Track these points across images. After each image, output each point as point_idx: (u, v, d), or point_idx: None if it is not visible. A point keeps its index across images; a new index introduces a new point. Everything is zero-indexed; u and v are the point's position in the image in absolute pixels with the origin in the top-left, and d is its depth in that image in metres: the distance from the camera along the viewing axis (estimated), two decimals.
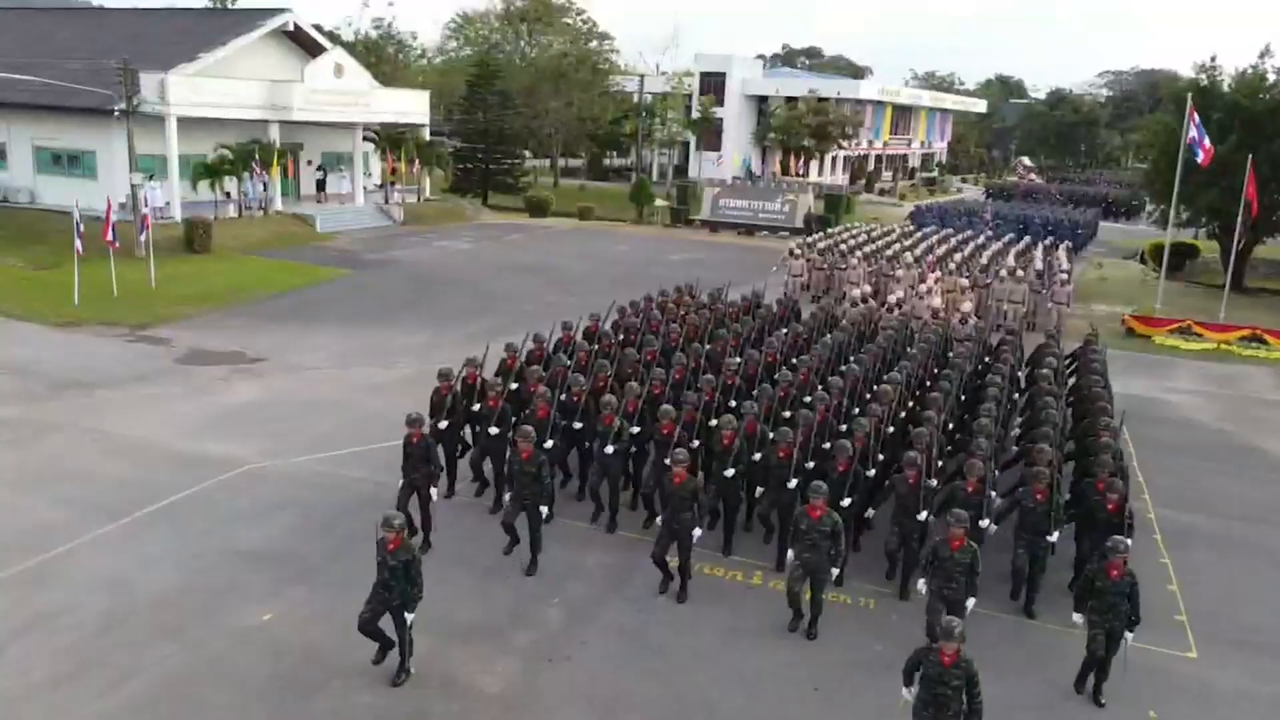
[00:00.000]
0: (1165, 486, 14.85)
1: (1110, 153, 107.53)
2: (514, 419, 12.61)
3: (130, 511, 12.27)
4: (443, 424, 12.62)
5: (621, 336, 16.42)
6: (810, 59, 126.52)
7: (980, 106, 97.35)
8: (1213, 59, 32.27)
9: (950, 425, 13.55)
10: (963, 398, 14.94)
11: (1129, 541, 9.20)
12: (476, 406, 12.82)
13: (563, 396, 12.99)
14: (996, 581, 10.71)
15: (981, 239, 33.55)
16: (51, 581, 10.56)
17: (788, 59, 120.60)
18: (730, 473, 11.32)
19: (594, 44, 68.97)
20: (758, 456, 11.61)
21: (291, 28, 37.62)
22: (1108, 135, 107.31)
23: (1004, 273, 25.53)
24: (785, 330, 18.13)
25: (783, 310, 19.65)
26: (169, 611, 10.06)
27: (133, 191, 29.05)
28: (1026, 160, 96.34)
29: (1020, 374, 17.19)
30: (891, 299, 21.53)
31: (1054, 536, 10.45)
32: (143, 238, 25.15)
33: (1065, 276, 25.54)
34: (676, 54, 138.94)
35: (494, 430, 12.31)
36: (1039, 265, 27.84)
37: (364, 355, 20.40)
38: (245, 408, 16.60)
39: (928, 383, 15.28)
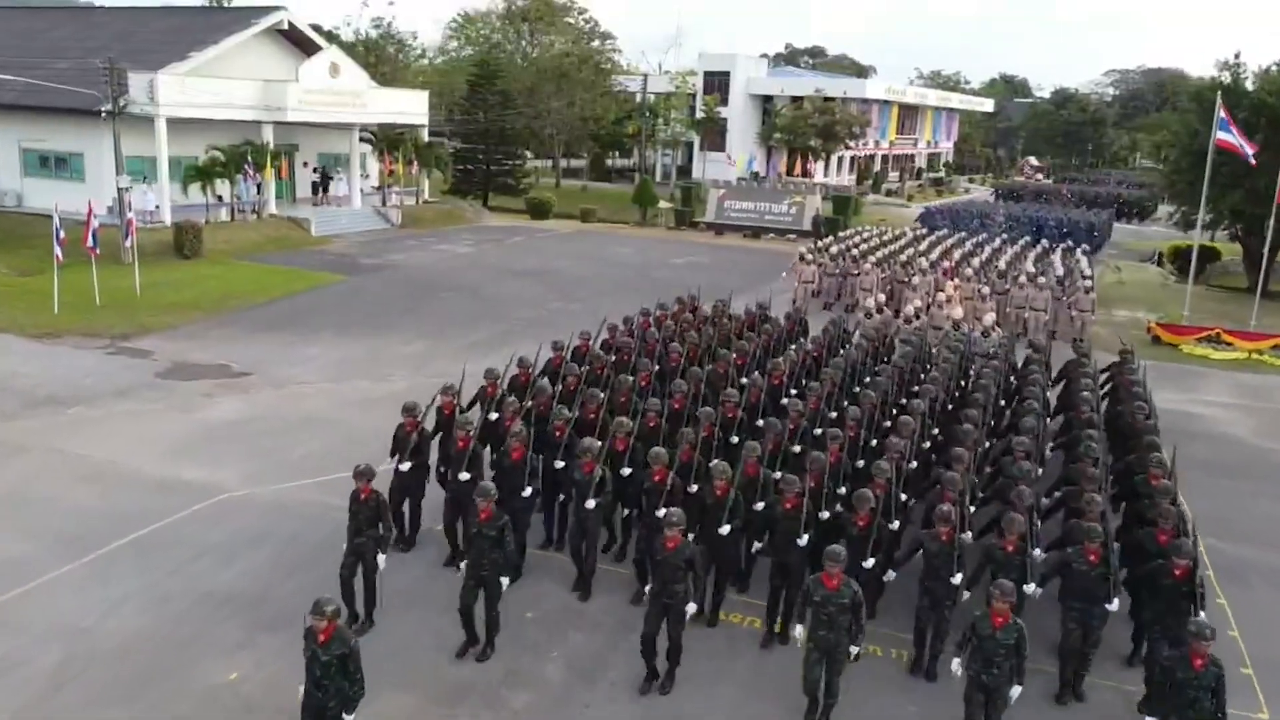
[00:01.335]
0: (1210, 513, 13.76)
1: (1117, 152, 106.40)
2: (491, 459, 11.31)
3: (96, 546, 11.30)
4: (405, 465, 11.09)
5: (614, 358, 14.81)
6: (813, 58, 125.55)
7: (987, 106, 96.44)
8: (1237, 56, 31.30)
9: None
10: (990, 423, 13.72)
11: (1212, 627, 7.58)
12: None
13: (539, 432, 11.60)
14: (1041, 634, 9.64)
15: (997, 242, 32.52)
16: (1, 630, 9.60)
17: (790, 58, 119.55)
18: (726, 530, 9.69)
19: (596, 43, 68.01)
20: (760, 506, 10.11)
21: (286, 26, 36.69)
22: (1115, 135, 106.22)
23: (1023, 279, 24.47)
24: (794, 346, 16.90)
25: (790, 325, 18.33)
26: (129, 666, 9.10)
27: (119, 195, 28.07)
28: (1033, 160, 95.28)
29: (1049, 395, 15.89)
30: (908, 309, 20.29)
31: (1114, 605, 8.86)
32: (128, 243, 24.17)
33: (1089, 283, 24.43)
34: (679, 53, 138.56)
35: (464, 476, 10.56)
36: (1059, 270, 26.72)
37: (357, 367, 19.44)
38: (228, 427, 15.63)
39: (949, 405, 14.07)
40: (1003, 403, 15.07)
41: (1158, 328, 24.65)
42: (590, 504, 10.28)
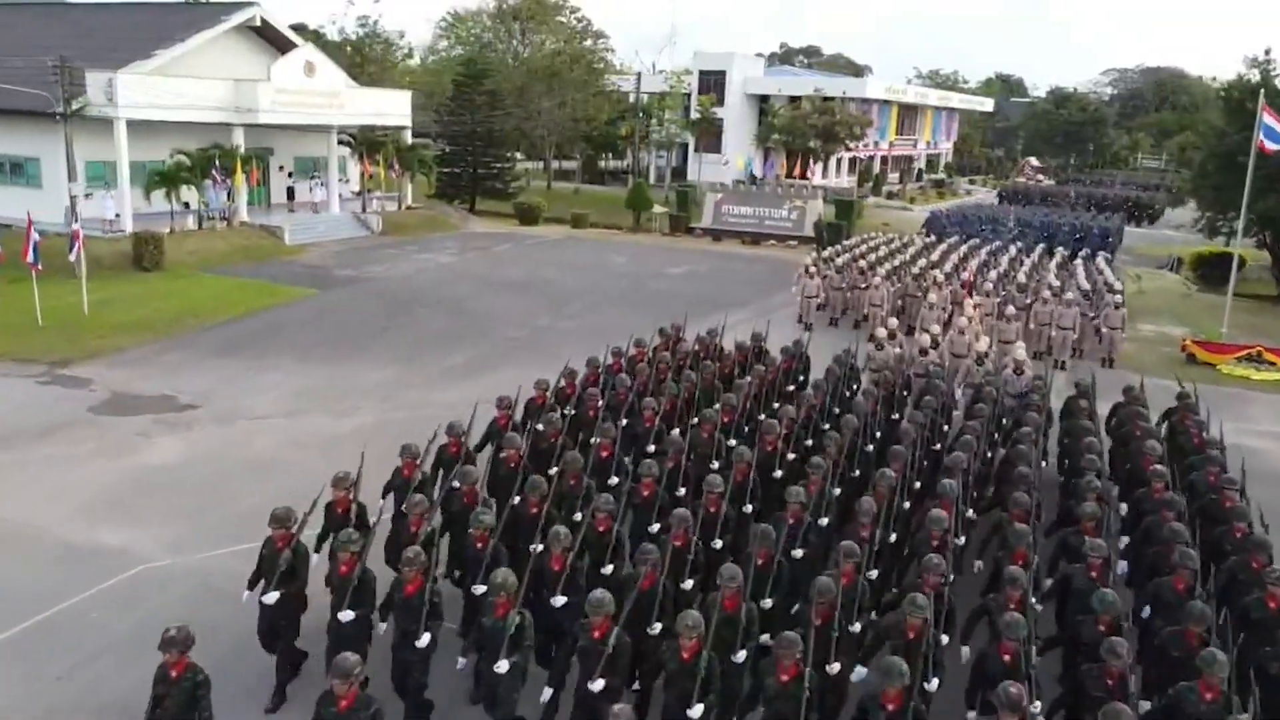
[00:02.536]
0: None
1: (1117, 152, 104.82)
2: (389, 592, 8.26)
3: None
4: (270, 596, 8.23)
5: (573, 410, 12.23)
6: (809, 58, 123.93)
7: (987, 105, 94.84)
8: (1267, 53, 29.52)
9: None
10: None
11: None
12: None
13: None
14: None
15: (1013, 250, 30.61)
16: None
17: (786, 58, 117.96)
18: (697, 713, 6.77)
19: (589, 43, 66.12)
20: (740, 656, 7.38)
21: (258, 23, 34.74)
22: (1115, 135, 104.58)
23: (1047, 293, 22.49)
24: (792, 388, 14.70)
25: (788, 362, 15.41)
26: None
27: (71, 203, 26.08)
28: (1034, 161, 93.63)
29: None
30: (924, 339, 17.19)
31: None
32: (73, 256, 22.19)
33: (1119, 298, 22.39)
34: (673, 53, 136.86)
35: (345, 615, 7.82)
36: (1084, 283, 24.75)
37: (318, 398, 17.46)
38: (161, 474, 13.67)
39: (983, 474, 11.57)
40: (1043, 464, 12.60)
41: (1194, 345, 22.73)
42: (501, 666, 7.24)
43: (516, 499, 9.55)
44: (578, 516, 9.28)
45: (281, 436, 15.43)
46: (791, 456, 11.25)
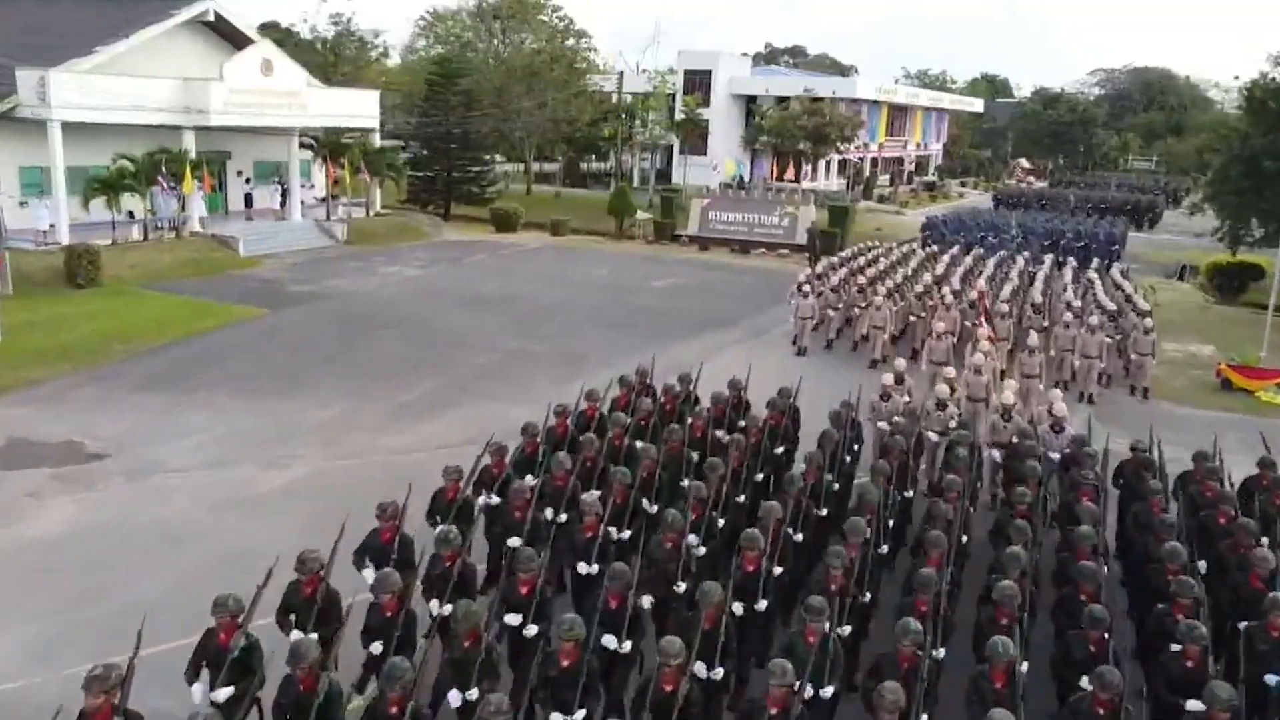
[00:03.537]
0: None
1: (1106, 153, 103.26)
2: None
3: None
4: None
5: (496, 499, 9.72)
6: (794, 57, 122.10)
7: (977, 106, 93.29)
8: None
9: None
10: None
11: None
12: None
13: None
14: None
15: (1021, 261, 28.55)
16: None
17: (770, 58, 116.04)
18: None
19: (570, 42, 63.91)
20: None
21: (211, 17, 32.36)
22: (1104, 135, 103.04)
23: (1068, 315, 20.33)
24: (780, 450, 12.04)
25: (775, 419, 12.38)
26: None
27: None
28: (1025, 162, 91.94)
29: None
30: (941, 389, 13.91)
31: None
32: None
33: (1149, 321, 20.18)
34: (657, 52, 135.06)
35: None
36: (1108, 303, 22.52)
37: (250, 444, 15.20)
38: (44, 550, 11.42)
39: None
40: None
41: (1229, 370, 20.70)
42: None
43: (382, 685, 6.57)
44: (473, 694, 6.65)
45: (200, 494, 13.19)
46: (779, 570, 8.63)
